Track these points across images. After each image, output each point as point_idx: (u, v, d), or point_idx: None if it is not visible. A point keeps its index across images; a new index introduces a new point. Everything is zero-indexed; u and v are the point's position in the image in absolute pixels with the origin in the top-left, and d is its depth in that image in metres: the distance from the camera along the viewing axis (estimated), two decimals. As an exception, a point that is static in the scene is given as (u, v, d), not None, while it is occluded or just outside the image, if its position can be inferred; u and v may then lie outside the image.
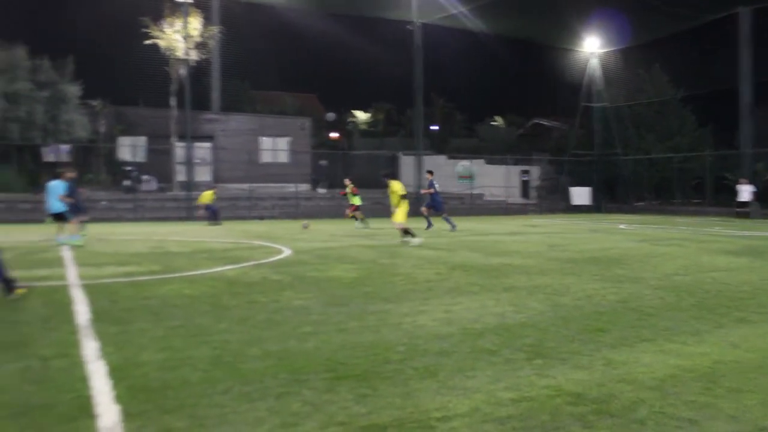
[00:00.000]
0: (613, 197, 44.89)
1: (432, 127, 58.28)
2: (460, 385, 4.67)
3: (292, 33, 40.52)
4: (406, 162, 42.42)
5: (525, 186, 48.13)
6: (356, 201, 23.92)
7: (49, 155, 35.69)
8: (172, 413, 4.05)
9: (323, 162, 42.82)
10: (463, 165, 46.56)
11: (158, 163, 36.59)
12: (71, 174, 18.13)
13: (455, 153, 48.86)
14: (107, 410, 4.08)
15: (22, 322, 6.75)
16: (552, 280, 9.89)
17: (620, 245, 16.51)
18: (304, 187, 39.16)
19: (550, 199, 44.63)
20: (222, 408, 4.17)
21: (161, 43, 34.09)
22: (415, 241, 15.58)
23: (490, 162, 46.81)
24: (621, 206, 42.65)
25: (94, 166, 35.81)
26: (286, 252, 14.39)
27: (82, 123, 34.09)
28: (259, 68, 40.29)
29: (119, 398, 4.30)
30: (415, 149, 41.08)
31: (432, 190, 22.38)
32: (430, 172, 23.38)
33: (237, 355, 5.43)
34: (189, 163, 33.97)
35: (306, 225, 23.67)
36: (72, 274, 10.58)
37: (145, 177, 35.91)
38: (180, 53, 34.36)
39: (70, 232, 16.00)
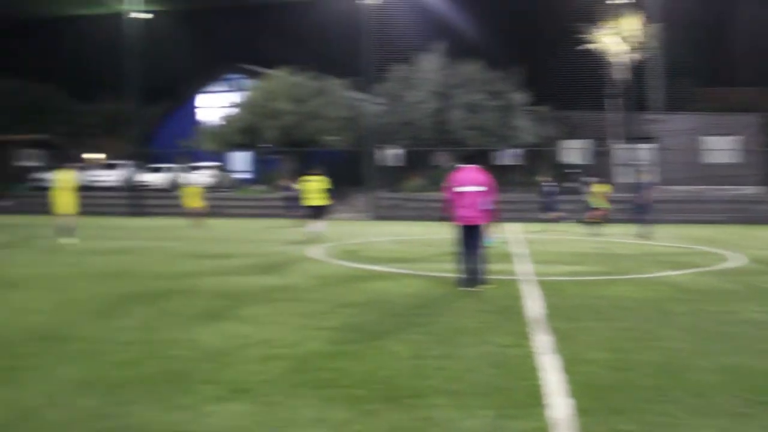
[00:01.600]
0: None
1: None
2: None
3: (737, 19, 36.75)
4: None
5: None
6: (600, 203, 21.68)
7: (502, 159, 39.11)
8: (621, 415, 4.12)
9: None
10: None
11: (598, 165, 36.89)
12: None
13: None
14: (557, 402, 4.34)
15: (483, 311, 7.51)
16: None
17: None
18: (754, 190, 35.28)
19: None
20: (672, 417, 4.09)
21: (600, 46, 34.34)
22: None
23: None
24: None
25: (540, 168, 37.75)
26: (738, 260, 13.22)
27: (528, 128, 36.23)
28: (702, 64, 37.36)
29: (570, 392, 4.53)
30: None
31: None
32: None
33: (686, 365, 5.25)
34: (628, 165, 33.49)
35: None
36: (524, 270, 11.34)
37: (584, 179, 36.58)
38: (620, 55, 34.17)
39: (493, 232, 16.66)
